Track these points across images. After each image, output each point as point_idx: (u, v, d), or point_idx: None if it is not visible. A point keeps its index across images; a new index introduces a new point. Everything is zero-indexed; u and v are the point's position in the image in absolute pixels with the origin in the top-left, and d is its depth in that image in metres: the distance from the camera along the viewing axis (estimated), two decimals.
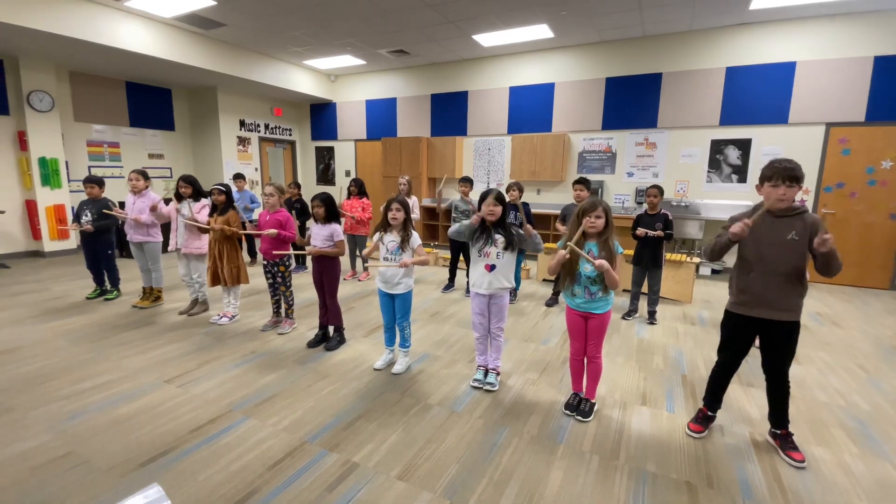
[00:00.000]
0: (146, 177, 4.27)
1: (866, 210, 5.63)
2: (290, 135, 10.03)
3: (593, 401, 2.53)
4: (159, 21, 6.09)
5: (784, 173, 1.94)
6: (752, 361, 2.84)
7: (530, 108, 7.48)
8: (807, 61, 5.66)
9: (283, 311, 3.82)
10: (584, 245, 2.32)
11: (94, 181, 4.42)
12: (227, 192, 3.84)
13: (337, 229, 3.33)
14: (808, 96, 5.70)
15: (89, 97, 7.29)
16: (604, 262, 2.22)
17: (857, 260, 5.73)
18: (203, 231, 3.85)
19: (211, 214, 3.85)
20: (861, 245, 5.70)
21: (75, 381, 2.82)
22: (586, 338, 2.46)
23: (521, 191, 4.44)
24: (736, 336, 2.23)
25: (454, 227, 2.74)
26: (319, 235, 3.31)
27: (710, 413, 2.36)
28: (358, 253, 5.65)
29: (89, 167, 7.30)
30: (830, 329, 4.07)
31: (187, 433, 2.27)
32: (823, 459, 2.14)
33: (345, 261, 4.69)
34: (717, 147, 6.29)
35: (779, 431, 2.20)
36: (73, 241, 6.86)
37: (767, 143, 5.99)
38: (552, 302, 4.66)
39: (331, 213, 3.33)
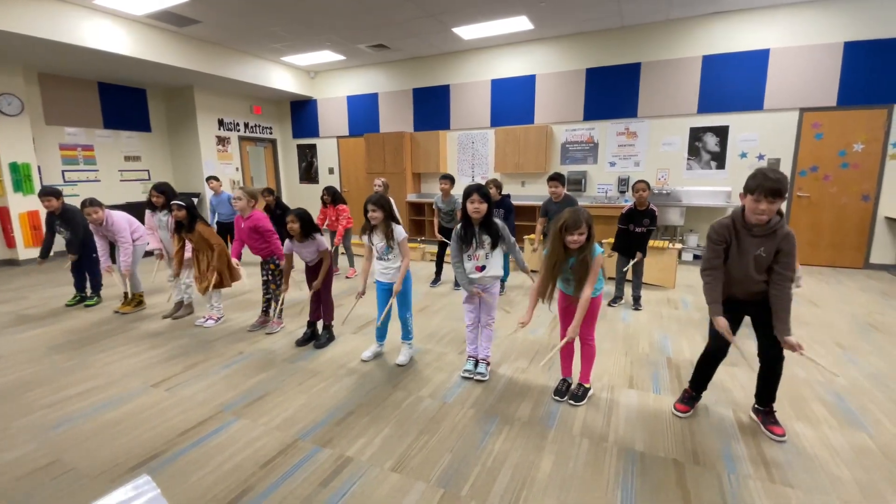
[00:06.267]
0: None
1: (839, 192, 5.80)
2: (271, 133, 9.88)
3: (587, 385, 2.58)
4: (130, 19, 5.93)
5: (767, 189, 1.87)
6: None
7: (512, 101, 7.49)
8: (780, 48, 5.77)
9: (272, 310, 3.78)
10: (564, 259, 2.29)
11: (51, 193, 4.20)
12: (188, 207, 3.64)
13: (321, 241, 3.32)
14: (781, 82, 5.83)
15: (60, 99, 7.06)
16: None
17: (831, 241, 5.90)
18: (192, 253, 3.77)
19: (178, 231, 3.72)
20: (835, 226, 5.87)
21: (59, 388, 2.76)
22: None
23: (498, 188, 4.53)
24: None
25: (453, 249, 2.77)
26: (306, 253, 3.31)
27: (694, 394, 2.42)
28: (342, 249, 5.60)
29: (63, 171, 7.10)
30: (808, 308, 4.19)
31: (177, 436, 2.24)
32: (804, 434, 2.21)
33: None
34: (696, 135, 6.39)
35: (762, 408, 2.26)
36: None
37: (744, 129, 6.11)
38: None
39: (307, 228, 3.22)
